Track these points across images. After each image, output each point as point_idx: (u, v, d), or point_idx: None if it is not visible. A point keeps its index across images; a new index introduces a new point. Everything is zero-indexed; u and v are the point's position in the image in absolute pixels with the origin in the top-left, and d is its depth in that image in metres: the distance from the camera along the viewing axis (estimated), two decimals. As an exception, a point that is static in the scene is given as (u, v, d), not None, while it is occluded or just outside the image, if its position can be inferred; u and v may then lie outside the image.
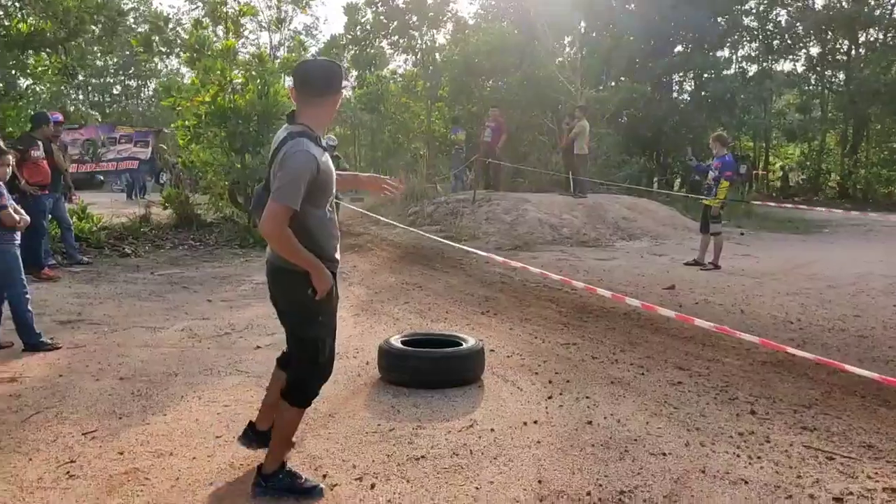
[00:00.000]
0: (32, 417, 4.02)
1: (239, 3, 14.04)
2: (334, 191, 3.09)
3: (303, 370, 3.14)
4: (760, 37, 27.70)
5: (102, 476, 3.29)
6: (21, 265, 5.52)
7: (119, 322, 6.41)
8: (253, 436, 3.42)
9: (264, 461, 3.14)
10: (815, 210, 17.91)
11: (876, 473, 3.33)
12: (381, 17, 21.11)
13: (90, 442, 3.69)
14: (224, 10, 13.85)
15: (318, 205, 2.98)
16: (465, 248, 9.48)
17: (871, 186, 25.82)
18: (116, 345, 5.61)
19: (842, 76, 28.35)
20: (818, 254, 11.72)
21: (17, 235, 5.52)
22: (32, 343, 5.42)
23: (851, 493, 3.12)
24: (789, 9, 28.00)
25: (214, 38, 13.79)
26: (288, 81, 13.14)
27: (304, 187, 2.83)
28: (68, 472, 3.32)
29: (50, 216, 9.02)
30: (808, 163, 29.53)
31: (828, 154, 29.28)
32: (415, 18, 20.89)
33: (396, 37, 21.95)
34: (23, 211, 5.68)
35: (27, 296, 5.50)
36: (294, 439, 3.43)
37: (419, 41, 21.75)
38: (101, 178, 28.37)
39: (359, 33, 22.18)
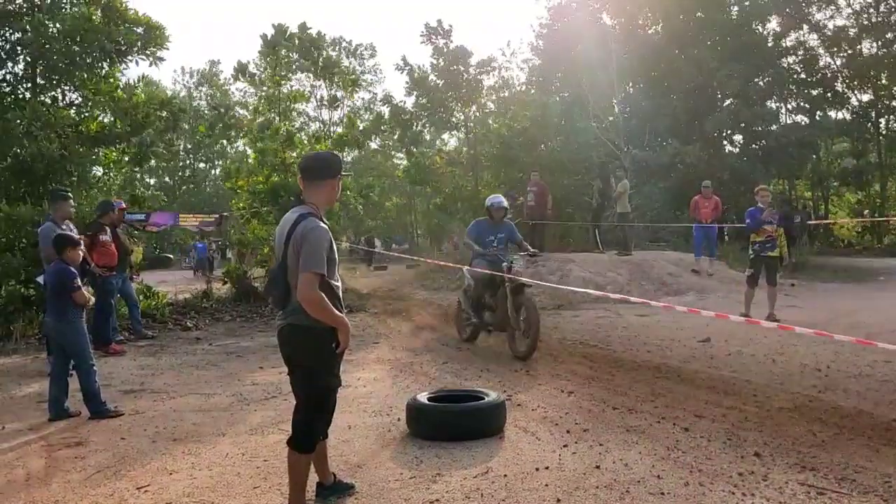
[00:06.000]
0: (94, 476, 4.49)
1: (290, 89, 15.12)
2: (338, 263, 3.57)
3: (310, 419, 3.59)
4: (805, 89, 27.66)
5: (151, 523, 3.71)
6: (88, 339, 6.11)
7: (178, 390, 6.93)
8: (326, 492, 3.90)
9: (287, 505, 3.52)
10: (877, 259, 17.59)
11: (860, 505, 3.50)
12: (422, 99, 22.38)
13: (143, 495, 4.12)
14: (277, 95, 14.88)
15: (331, 275, 3.45)
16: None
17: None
18: (173, 410, 6.10)
19: (893, 122, 28.05)
20: (866, 302, 11.60)
21: (83, 312, 6.14)
22: (98, 411, 5.95)
23: (830, 524, 3.30)
24: (836, 58, 28.00)
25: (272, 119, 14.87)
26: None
27: (325, 255, 3.35)
28: (122, 521, 3.75)
29: (118, 294, 9.74)
30: (865, 211, 28.99)
31: (888, 200, 28.72)
32: (450, 94, 22.00)
33: (437, 116, 23.22)
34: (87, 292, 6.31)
35: (94, 367, 6.06)
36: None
37: (459, 117, 22.86)
38: (171, 256, 29.98)
39: (402, 116, 23.46)
